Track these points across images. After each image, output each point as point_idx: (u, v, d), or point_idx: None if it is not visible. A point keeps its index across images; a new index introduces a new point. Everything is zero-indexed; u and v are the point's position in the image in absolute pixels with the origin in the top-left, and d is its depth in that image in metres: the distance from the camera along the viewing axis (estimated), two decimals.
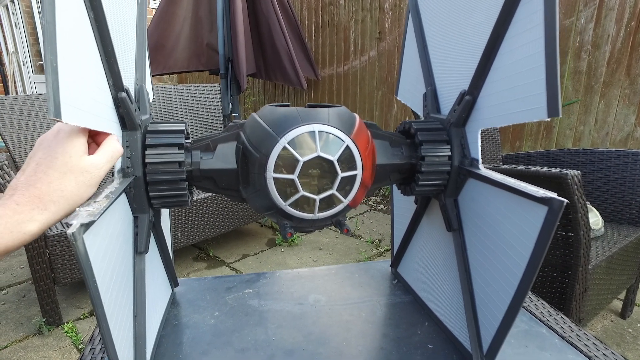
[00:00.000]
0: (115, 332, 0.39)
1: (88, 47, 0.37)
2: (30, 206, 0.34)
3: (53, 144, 0.37)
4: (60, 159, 0.36)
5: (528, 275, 0.45)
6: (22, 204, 0.33)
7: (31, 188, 0.34)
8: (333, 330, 0.64)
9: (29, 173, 0.35)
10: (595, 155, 1.41)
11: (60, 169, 0.36)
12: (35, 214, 0.34)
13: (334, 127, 0.48)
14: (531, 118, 0.44)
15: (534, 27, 0.42)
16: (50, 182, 0.35)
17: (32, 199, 0.34)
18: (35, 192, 0.34)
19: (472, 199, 0.55)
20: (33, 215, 0.34)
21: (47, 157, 0.36)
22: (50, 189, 0.35)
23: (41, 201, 0.34)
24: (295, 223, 0.51)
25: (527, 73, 0.44)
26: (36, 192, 0.34)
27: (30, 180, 0.35)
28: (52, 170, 0.35)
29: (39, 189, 0.35)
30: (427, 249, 0.69)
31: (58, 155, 0.36)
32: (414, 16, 0.69)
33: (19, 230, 0.33)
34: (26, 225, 0.33)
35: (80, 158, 0.37)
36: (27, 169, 0.36)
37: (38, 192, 0.34)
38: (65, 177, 0.36)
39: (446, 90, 0.60)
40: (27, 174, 0.35)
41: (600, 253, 1.16)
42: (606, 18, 1.95)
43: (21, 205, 0.33)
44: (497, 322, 0.51)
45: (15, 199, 0.34)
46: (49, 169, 0.35)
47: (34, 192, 0.34)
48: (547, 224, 0.42)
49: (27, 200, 0.34)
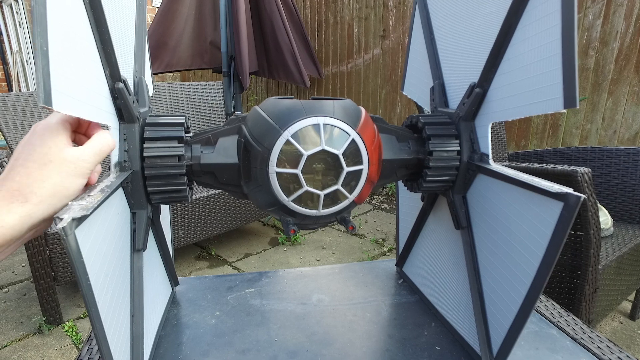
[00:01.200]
0: (111, 333, 0.37)
1: (82, 33, 0.36)
2: (8, 200, 0.32)
3: (32, 138, 0.35)
4: (39, 150, 0.34)
5: (541, 275, 0.43)
6: (0, 199, 0.32)
7: (8, 182, 0.33)
8: (337, 331, 0.62)
9: (7, 169, 0.34)
10: (604, 153, 1.38)
11: (38, 160, 0.34)
12: (13, 206, 0.32)
13: (339, 120, 0.46)
14: (546, 110, 0.42)
15: (549, 14, 0.40)
16: (28, 173, 0.33)
17: (10, 192, 0.32)
18: (13, 186, 0.33)
19: (482, 196, 0.53)
20: (11, 208, 0.32)
21: (24, 150, 0.35)
22: (30, 180, 0.33)
23: (20, 193, 0.33)
24: (298, 220, 0.49)
25: (542, 63, 0.42)
26: (14, 186, 0.33)
27: (8, 176, 0.33)
28: (30, 162, 0.34)
29: (18, 182, 0.33)
30: (434, 248, 0.67)
31: (36, 147, 0.34)
32: (421, 8, 0.67)
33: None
34: (4, 217, 0.31)
35: (62, 149, 0.35)
36: (7, 167, 0.35)
37: (17, 185, 0.33)
38: (45, 167, 0.34)
39: (454, 83, 0.58)
40: (6, 171, 0.34)
41: (610, 253, 1.14)
42: (615, 14, 1.92)
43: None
44: (508, 324, 0.49)
45: None
46: (27, 162, 0.34)
47: (11, 186, 0.33)
48: (563, 221, 0.40)
49: (4, 195, 0.32)
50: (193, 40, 2.84)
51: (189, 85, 2.27)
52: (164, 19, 2.70)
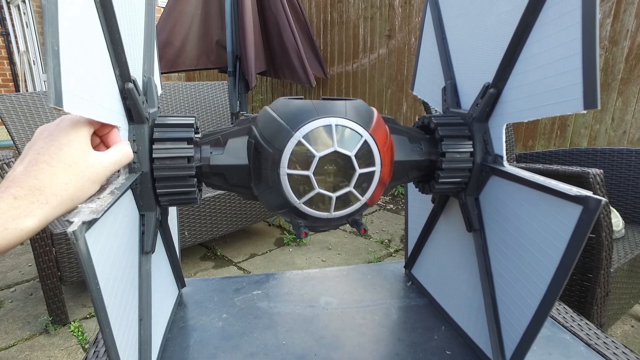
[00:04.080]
0: (119, 338, 0.36)
1: (93, 33, 0.35)
2: (29, 199, 0.31)
3: (56, 133, 0.34)
4: (66, 150, 0.33)
5: (558, 280, 0.42)
6: (21, 198, 0.30)
7: (31, 179, 0.31)
8: (346, 335, 0.61)
9: (29, 163, 0.32)
10: (614, 154, 1.36)
11: (65, 161, 0.33)
12: (34, 208, 0.31)
13: (352, 121, 0.45)
14: (565, 111, 0.41)
15: (569, 12, 0.39)
16: (54, 174, 0.32)
17: (32, 191, 0.31)
18: (36, 184, 0.31)
19: (495, 198, 0.52)
20: (32, 210, 0.31)
21: (49, 147, 0.33)
22: (54, 182, 0.32)
23: (42, 194, 0.31)
24: (309, 222, 0.48)
25: (561, 62, 0.40)
26: (37, 184, 0.31)
27: (30, 171, 0.32)
28: (57, 162, 0.32)
29: (41, 181, 0.31)
30: (444, 250, 0.66)
31: (63, 146, 0.33)
32: (432, 7, 0.66)
33: (15, 227, 0.30)
34: (23, 221, 0.30)
35: (87, 152, 0.34)
36: (26, 158, 0.33)
37: (39, 184, 0.31)
38: (70, 169, 0.33)
39: (467, 83, 0.57)
40: (26, 164, 0.32)
41: (622, 255, 1.12)
42: (625, 13, 1.90)
43: (19, 199, 0.30)
44: (522, 329, 0.48)
45: (12, 191, 0.30)
46: (53, 160, 0.32)
47: (34, 184, 0.31)
48: (582, 225, 0.39)
49: (26, 193, 0.31)
50: (199, 39, 2.84)
51: (194, 85, 2.27)
52: (170, 19, 2.70)
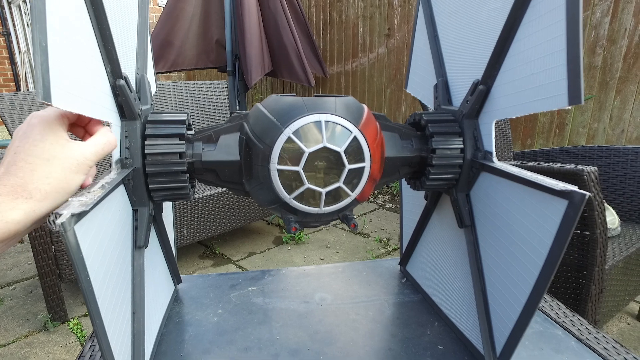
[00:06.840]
0: (111, 329, 0.37)
1: (83, 29, 0.36)
2: (13, 196, 0.32)
3: (28, 130, 0.35)
4: (40, 145, 0.34)
5: (545, 274, 0.43)
6: (4, 194, 0.31)
7: (12, 177, 0.32)
8: (339, 330, 0.61)
9: (8, 164, 0.33)
10: (612, 152, 1.37)
11: (41, 156, 0.33)
12: (19, 202, 0.32)
13: (341, 117, 0.45)
14: (550, 107, 0.41)
15: (554, 10, 0.39)
16: (33, 169, 0.33)
17: (14, 188, 0.32)
18: (17, 181, 0.32)
19: (486, 194, 0.52)
20: (17, 204, 0.32)
21: (24, 145, 0.34)
22: (35, 177, 0.33)
23: (24, 190, 0.32)
24: (300, 217, 0.49)
25: (546, 59, 0.41)
26: (19, 181, 0.32)
27: (10, 171, 0.33)
28: (33, 158, 0.33)
29: (22, 178, 0.32)
30: (437, 247, 0.66)
31: (37, 142, 0.34)
32: (424, 6, 0.67)
33: (1, 219, 0.31)
34: (9, 214, 0.31)
35: (64, 145, 0.35)
36: (6, 160, 0.34)
37: (21, 181, 0.32)
38: (49, 163, 0.34)
39: (458, 81, 0.58)
40: (6, 165, 0.33)
41: (617, 253, 1.12)
42: (623, 11, 1.90)
43: (2, 196, 0.31)
44: (512, 323, 0.48)
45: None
46: (29, 157, 0.33)
47: (15, 182, 0.32)
48: (567, 219, 0.40)
49: (10, 191, 0.32)
50: (199, 39, 2.85)
51: (193, 85, 2.27)
52: (170, 18, 2.71)
